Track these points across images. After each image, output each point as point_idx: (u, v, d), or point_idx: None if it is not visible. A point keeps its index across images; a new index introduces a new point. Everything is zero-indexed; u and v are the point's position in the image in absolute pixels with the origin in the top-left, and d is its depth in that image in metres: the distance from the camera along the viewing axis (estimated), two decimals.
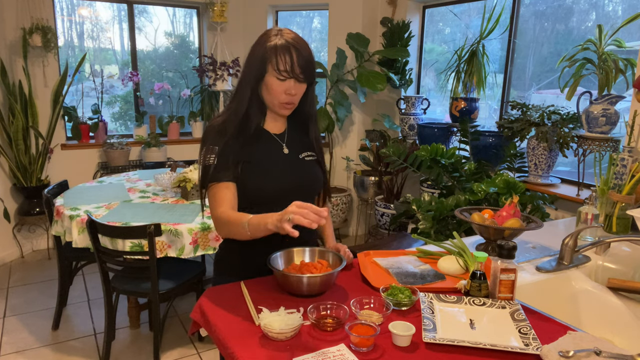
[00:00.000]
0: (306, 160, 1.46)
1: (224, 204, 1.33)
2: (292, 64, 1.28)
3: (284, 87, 1.32)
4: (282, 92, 1.33)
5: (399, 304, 1.21)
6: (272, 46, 1.29)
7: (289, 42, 1.29)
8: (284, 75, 1.30)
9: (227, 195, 1.35)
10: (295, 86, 1.33)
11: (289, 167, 1.42)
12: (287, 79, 1.30)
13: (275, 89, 1.32)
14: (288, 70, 1.29)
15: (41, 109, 3.89)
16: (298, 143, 1.47)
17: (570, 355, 0.97)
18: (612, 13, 3.02)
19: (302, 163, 1.45)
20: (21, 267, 3.74)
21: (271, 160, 1.41)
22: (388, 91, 4.37)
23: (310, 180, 1.47)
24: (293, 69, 1.29)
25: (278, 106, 1.36)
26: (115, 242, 2.31)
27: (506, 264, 1.21)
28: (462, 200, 2.51)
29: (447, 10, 4.08)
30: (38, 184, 3.82)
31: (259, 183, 1.38)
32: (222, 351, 1.09)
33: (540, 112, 2.91)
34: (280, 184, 1.39)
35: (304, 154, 1.47)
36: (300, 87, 1.34)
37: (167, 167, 3.82)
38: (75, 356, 2.61)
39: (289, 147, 1.45)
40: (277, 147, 1.43)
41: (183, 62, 4.76)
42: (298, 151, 1.46)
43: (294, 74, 1.30)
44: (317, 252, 1.41)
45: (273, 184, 1.38)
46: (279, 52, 1.28)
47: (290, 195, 1.38)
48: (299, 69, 1.29)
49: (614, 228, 1.97)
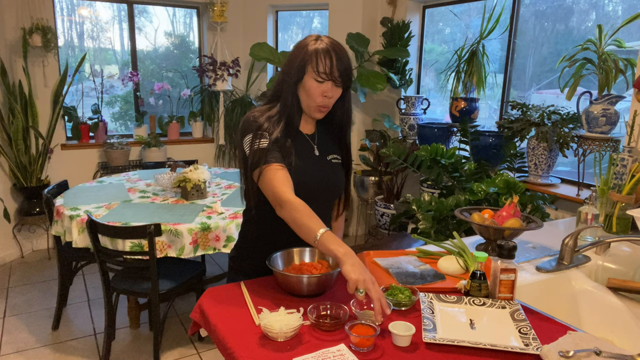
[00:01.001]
0: (333, 162, 1.50)
1: (287, 188, 1.28)
2: (331, 67, 1.32)
3: (321, 89, 1.35)
4: (320, 95, 1.35)
5: (399, 304, 1.21)
6: (313, 49, 1.33)
7: (329, 46, 1.33)
8: (323, 77, 1.33)
9: (287, 176, 1.31)
10: (332, 89, 1.36)
11: (319, 168, 1.46)
12: (325, 81, 1.34)
13: (313, 91, 1.35)
14: (327, 72, 1.32)
15: (41, 109, 3.89)
16: (327, 145, 1.51)
17: (570, 355, 0.97)
18: (612, 13, 3.02)
19: (330, 165, 1.49)
20: (21, 267, 3.74)
21: (305, 159, 1.44)
22: (388, 91, 4.37)
23: (335, 182, 1.50)
24: (332, 71, 1.33)
25: (314, 109, 1.39)
26: (115, 242, 2.31)
27: (506, 264, 1.21)
28: (462, 200, 2.51)
29: (447, 10, 4.08)
30: (38, 184, 3.82)
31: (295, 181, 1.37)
32: (222, 351, 1.09)
33: (540, 112, 2.91)
34: (311, 183, 1.42)
35: (332, 156, 1.50)
36: (336, 91, 1.37)
37: (167, 167, 3.81)
38: (75, 356, 2.61)
39: (319, 148, 1.48)
40: (310, 148, 1.47)
41: (183, 62, 4.76)
42: (327, 153, 1.49)
43: (333, 76, 1.33)
44: (317, 252, 1.40)
45: (305, 183, 1.40)
46: (319, 55, 1.32)
47: (315, 194, 1.43)
48: (338, 73, 1.33)
49: (614, 228, 1.97)
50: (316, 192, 1.44)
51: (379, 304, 1.08)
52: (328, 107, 1.40)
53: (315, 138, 1.49)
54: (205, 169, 2.85)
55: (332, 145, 1.53)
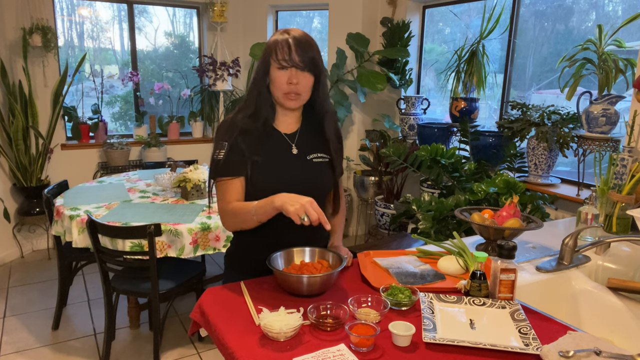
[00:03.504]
0: (314, 161, 1.46)
1: (231, 199, 1.38)
2: (289, 53, 1.32)
3: (285, 76, 1.34)
4: (285, 82, 1.35)
5: (399, 304, 1.21)
6: (272, 41, 1.36)
7: (288, 35, 1.34)
8: (283, 64, 1.33)
9: (234, 191, 1.39)
10: (297, 75, 1.34)
11: (296, 168, 1.43)
12: (288, 68, 1.33)
13: (278, 80, 1.35)
14: (287, 58, 1.32)
15: (41, 109, 3.89)
16: (309, 143, 1.47)
17: (570, 355, 0.97)
18: (612, 13, 3.02)
19: (309, 165, 1.45)
20: (21, 267, 3.74)
21: (278, 160, 1.42)
22: (388, 91, 4.37)
23: (317, 182, 1.46)
24: (291, 57, 1.32)
25: (283, 98, 1.37)
26: (115, 242, 2.31)
27: (506, 264, 1.21)
28: (462, 200, 2.51)
29: (447, 10, 4.08)
30: (38, 184, 3.82)
31: (264, 183, 1.39)
32: (222, 351, 1.09)
33: (540, 112, 2.91)
34: (285, 185, 1.39)
35: (313, 154, 1.46)
36: (302, 76, 1.35)
37: (167, 167, 3.81)
38: (75, 356, 2.61)
39: (298, 147, 1.45)
40: (286, 147, 1.44)
41: (183, 62, 4.76)
42: (307, 152, 1.45)
43: (293, 62, 1.32)
44: (317, 252, 1.41)
45: (278, 185, 1.38)
46: (278, 44, 1.34)
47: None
48: (298, 57, 1.32)
49: (614, 228, 1.97)
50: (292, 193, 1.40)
51: (323, 218, 1.21)
52: (298, 94, 1.37)
53: (296, 137, 1.46)
54: (205, 169, 2.85)
55: (318, 144, 1.48)
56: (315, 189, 1.44)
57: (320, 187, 1.47)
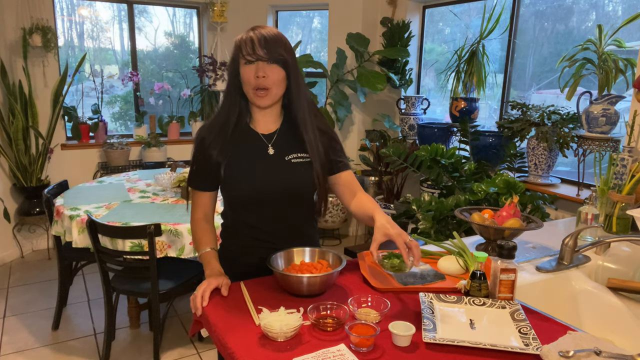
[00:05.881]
0: (292, 162, 1.40)
1: (199, 210, 1.47)
2: (253, 47, 1.30)
3: (252, 70, 1.31)
4: (252, 77, 1.31)
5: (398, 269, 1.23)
6: (238, 41, 1.35)
7: (253, 32, 1.33)
8: (248, 59, 1.31)
9: (201, 202, 1.46)
10: (264, 67, 1.31)
11: (271, 169, 1.38)
12: (254, 62, 1.31)
13: (245, 75, 1.33)
14: (251, 52, 1.30)
15: (41, 109, 3.89)
16: (288, 144, 1.41)
17: (570, 355, 0.97)
18: (612, 13, 3.02)
19: (287, 165, 1.39)
20: (21, 267, 3.74)
21: (252, 161, 1.39)
22: (388, 91, 4.37)
23: (296, 183, 1.39)
24: (255, 50, 1.30)
25: (253, 95, 1.34)
26: (115, 242, 2.31)
27: (506, 264, 1.21)
28: (462, 200, 2.51)
29: (447, 10, 4.08)
30: (38, 184, 3.82)
31: (237, 184, 1.38)
32: (222, 351, 1.09)
33: (540, 112, 2.91)
34: (259, 186, 1.37)
35: (292, 155, 1.40)
36: (270, 69, 1.31)
37: (167, 167, 3.81)
38: (75, 356, 2.61)
39: (275, 147, 1.40)
40: (262, 148, 1.40)
41: (183, 62, 4.76)
42: (285, 152, 1.40)
43: (257, 55, 1.30)
44: (317, 252, 1.40)
45: (251, 186, 1.37)
46: (242, 42, 1.33)
47: (273, 198, 1.39)
48: (262, 50, 1.30)
49: (614, 228, 1.97)
50: (268, 195, 1.37)
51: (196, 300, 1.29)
52: (267, 89, 1.32)
53: (274, 137, 1.41)
54: None
55: (299, 144, 1.41)
56: (293, 191, 1.40)
57: (299, 189, 1.41)
